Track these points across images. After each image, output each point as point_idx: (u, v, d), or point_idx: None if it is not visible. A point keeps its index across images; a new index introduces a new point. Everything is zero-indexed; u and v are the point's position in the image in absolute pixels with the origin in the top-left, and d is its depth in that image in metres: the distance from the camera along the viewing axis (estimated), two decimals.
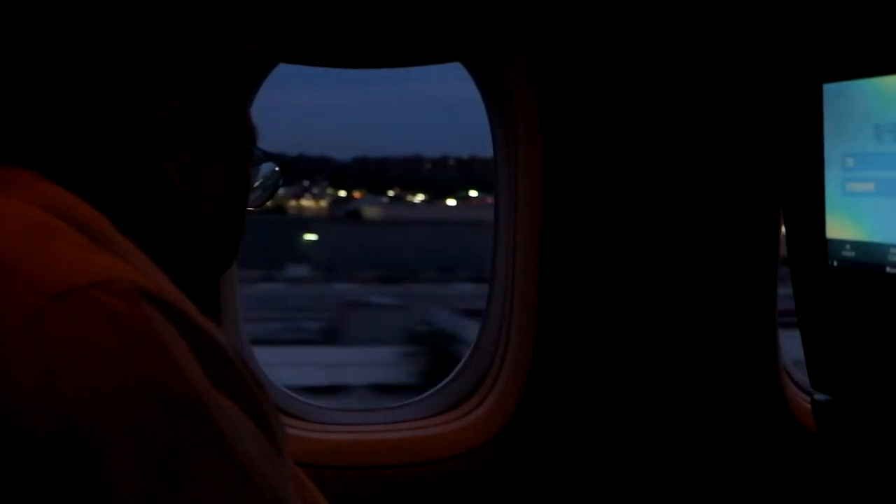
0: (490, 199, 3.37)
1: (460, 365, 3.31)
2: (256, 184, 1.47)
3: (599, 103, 3.07)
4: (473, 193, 17.49)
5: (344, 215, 17.67)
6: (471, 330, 4.97)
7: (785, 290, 2.98)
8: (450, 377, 3.30)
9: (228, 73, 1.34)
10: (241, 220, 1.40)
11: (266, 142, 1.42)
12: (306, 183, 16.76)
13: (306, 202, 17.32)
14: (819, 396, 2.74)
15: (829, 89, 2.51)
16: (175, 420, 0.99)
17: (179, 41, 1.28)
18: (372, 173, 18.89)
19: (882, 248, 2.39)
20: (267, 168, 1.46)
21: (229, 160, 1.34)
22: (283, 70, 3.08)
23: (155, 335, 1.02)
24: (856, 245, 2.47)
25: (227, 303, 2.98)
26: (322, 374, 11.45)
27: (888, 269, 2.38)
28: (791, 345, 3.12)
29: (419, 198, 18.86)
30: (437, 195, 18.48)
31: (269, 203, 1.52)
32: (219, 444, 1.01)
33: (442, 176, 19.16)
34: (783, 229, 3.04)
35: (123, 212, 1.21)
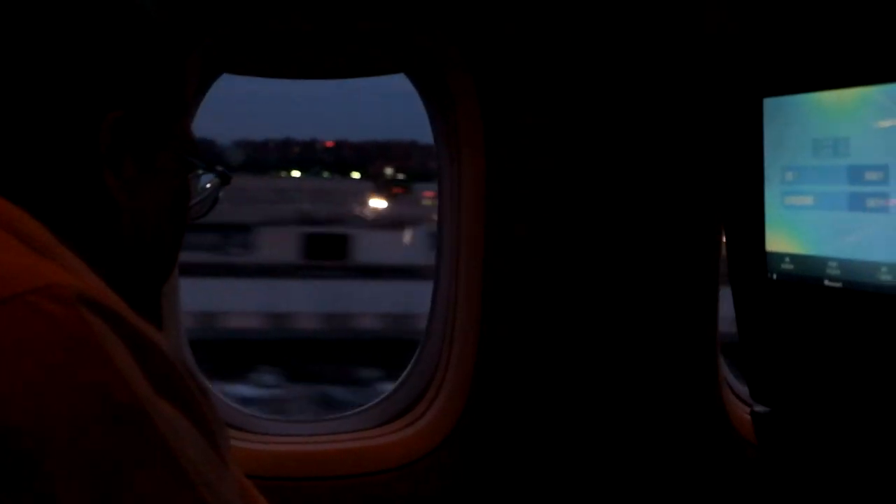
0: None
1: (404, 375, 3.31)
2: (197, 196, 1.46)
3: (543, 113, 3.08)
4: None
5: None
6: None
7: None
8: (393, 387, 3.30)
9: (170, 84, 1.33)
10: (182, 233, 1.39)
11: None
12: None
13: None
14: (759, 408, 2.76)
15: (770, 104, 2.53)
16: (117, 427, 0.99)
17: (121, 51, 1.27)
18: None
19: (820, 262, 2.42)
20: (207, 180, 1.46)
21: (170, 172, 1.33)
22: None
23: (95, 341, 1.01)
24: (795, 258, 2.50)
25: (169, 310, 2.97)
26: None
27: (826, 283, 2.41)
28: None
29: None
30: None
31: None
32: (162, 452, 1.01)
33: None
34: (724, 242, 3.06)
35: (63, 222, 1.20)
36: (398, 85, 3.18)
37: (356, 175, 21.70)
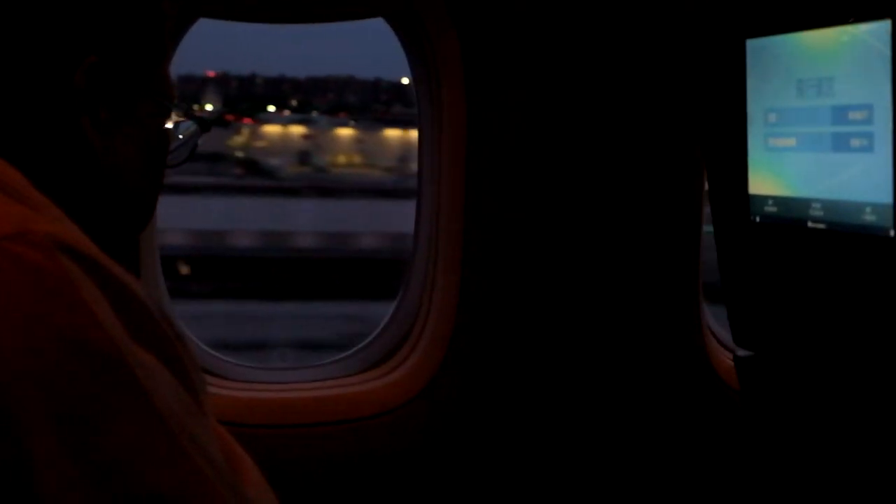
0: None
1: (384, 323, 3.30)
2: (175, 142, 1.44)
3: (524, 59, 3.06)
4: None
5: None
6: None
7: None
8: (373, 335, 3.29)
9: (147, 29, 1.31)
10: (160, 179, 1.38)
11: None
12: None
13: None
14: (741, 352, 2.76)
15: (753, 45, 2.52)
16: (93, 373, 0.97)
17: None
18: None
19: (803, 203, 2.41)
20: (186, 126, 1.44)
21: (147, 118, 1.31)
22: None
23: (72, 287, 0.99)
24: (778, 200, 2.49)
25: (147, 257, 2.95)
26: None
27: (809, 224, 2.39)
28: None
29: None
30: None
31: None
32: (139, 399, 0.99)
33: None
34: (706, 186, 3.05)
35: (39, 169, 1.18)
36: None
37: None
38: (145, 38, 1.30)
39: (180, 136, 1.45)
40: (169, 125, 1.39)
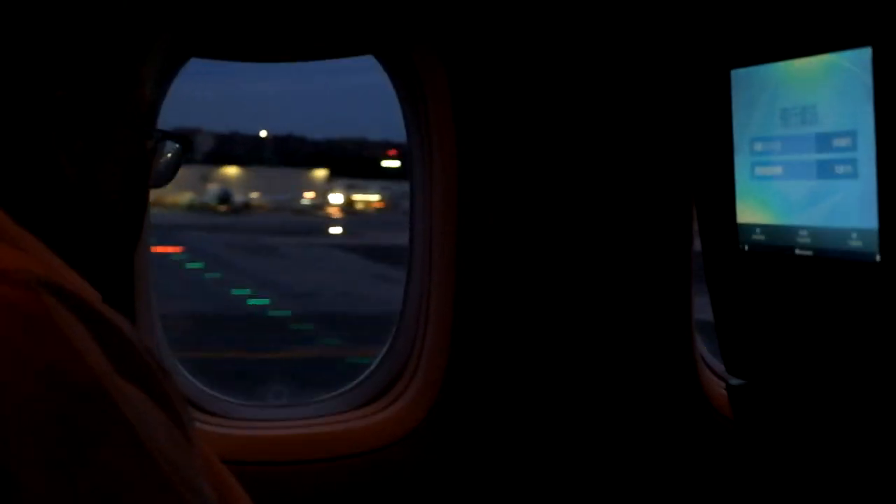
0: None
1: (378, 359, 3.30)
2: (160, 164, 1.45)
3: (512, 95, 3.07)
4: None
5: None
6: None
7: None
8: (367, 372, 3.29)
9: (115, 57, 1.32)
10: (144, 200, 1.39)
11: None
12: None
13: None
14: (734, 381, 2.76)
15: (737, 75, 2.54)
16: (76, 407, 0.98)
17: (60, 30, 1.26)
18: None
19: (791, 231, 2.42)
20: (169, 147, 1.45)
21: (126, 143, 1.32)
22: None
23: (53, 324, 1.01)
24: (765, 228, 2.50)
25: (141, 289, 2.94)
26: None
27: (797, 251, 2.41)
28: None
29: None
30: None
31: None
32: (122, 430, 1.00)
33: None
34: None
35: (19, 204, 1.20)
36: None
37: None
38: (114, 67, 1.31)
39: (168, 156, 1.46)
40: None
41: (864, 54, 2.16)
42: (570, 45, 3.08)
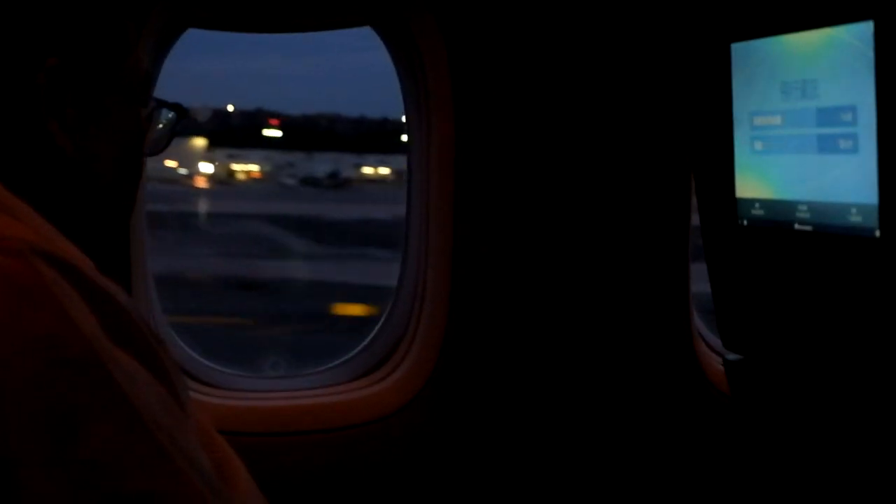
0: None
1: (375, 330, 3.30)
2: (154, 132, 1.44)
3: (512, 67, 3.06)
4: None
5: None
6: None
7: None
8: (365, 342, 3.29)
9: (107, 25, 1.31)
10: (138, 169, 1.38)
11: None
12: None
13: None
14: (731, 356, 2.76)
15: (737, 48, 2.52)
16: (72, 377, 0.98)
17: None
18: None
19: (790, 206, 2.41)
20: (163, 115, 1.44)
21: (120, 111, 1.32)
22: None
23: (49, 293, 1.00)
24: (765, 203, 2.49)
25: (137, 262, 2.94)
26: None
27: (796, 226, 2.40)
28: None
29: None
30: None
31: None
32: (118, 400, 0.99)
33: None
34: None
35: (12, 173, 1.20)
36: None
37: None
38: (106, 35, 1.30)
39: (160, 125, 1.46)
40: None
41: (866, 28, 2.15)
42: (570, 17, 3.07)
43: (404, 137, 3.23)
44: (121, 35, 1.33)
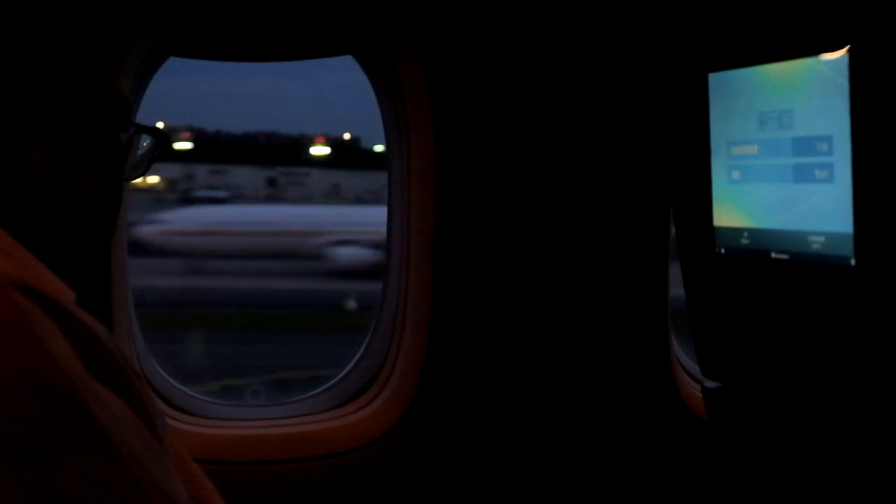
0: None
1: (355, 359, 3.30)
2: (134, 157, 1.44)
3: (491, 97, 3.07)
4: None
5: None
6: None
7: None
8: (344, 371, 3.29)
9: (86, 52, 1.31)
10: (118, 194, 1.38)
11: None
12: None
13: None
14: (709, 384, 2.76)
15: (715, 78, 2.54)
16: (50, 411, 0.97)
17: (34, 25, 1.25)
18: None
19: (766, 235, 2.43)
20: (143, 140, 1.44)
21: (100, 138, 1.31)
22: None
23: (27, 326, 1.00)
24: (752, 233, 2.50)
25: (118, 291, 2.93)
26: None
27: (773, 255, 2.41)
28: None
29: None
30: None
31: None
32: (96, 434, 0.99)
33: None
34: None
35: None
36: None
37: None
38: (87, 61, 1.31)
39: (142, 149, 1.46)
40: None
41: (842, 59, 2.17)
42: (549, 47, 3.09)
43: None
44: (101, 62, 1.33)
